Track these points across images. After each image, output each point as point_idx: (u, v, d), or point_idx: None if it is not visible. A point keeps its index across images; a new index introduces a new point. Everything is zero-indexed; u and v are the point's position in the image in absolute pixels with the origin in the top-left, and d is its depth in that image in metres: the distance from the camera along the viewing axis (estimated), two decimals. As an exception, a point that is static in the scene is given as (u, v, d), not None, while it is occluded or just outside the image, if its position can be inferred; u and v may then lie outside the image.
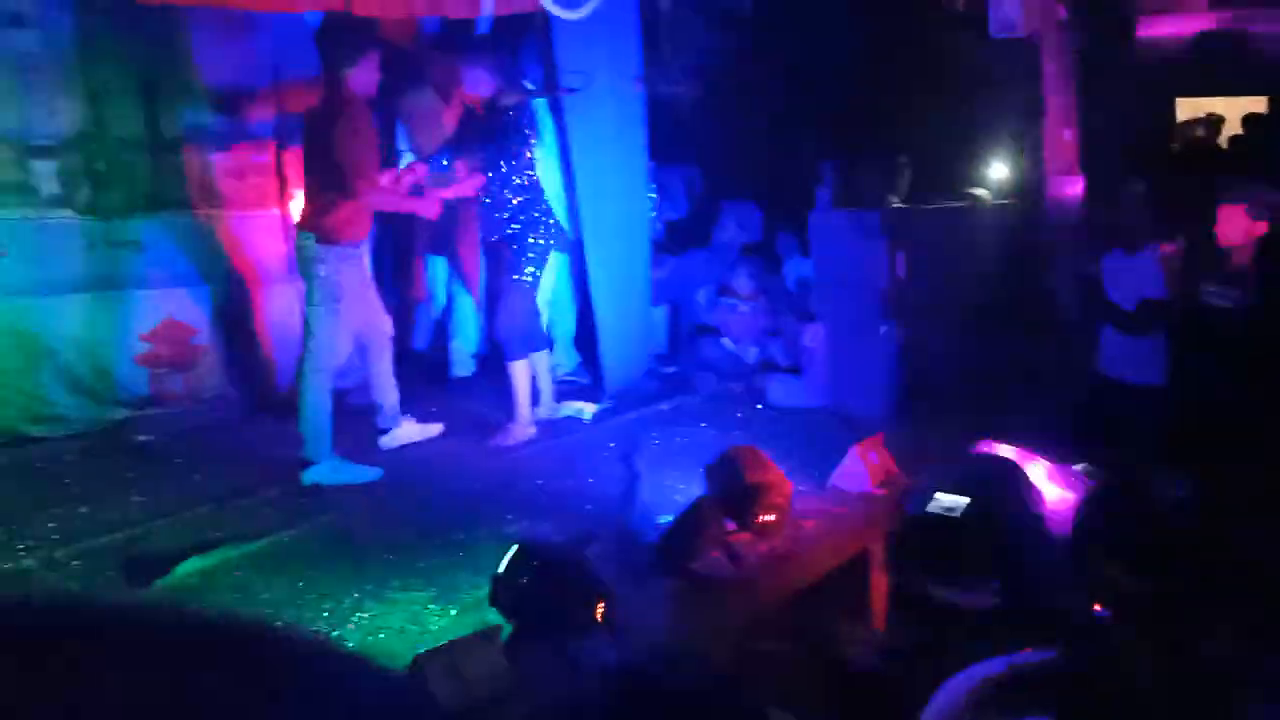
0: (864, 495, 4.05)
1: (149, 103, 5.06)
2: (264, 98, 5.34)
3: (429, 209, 4.73)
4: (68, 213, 4.90)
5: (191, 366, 5.26)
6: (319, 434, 4.30)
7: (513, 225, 4.67)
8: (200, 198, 5.25)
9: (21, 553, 3.68)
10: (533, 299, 4.81)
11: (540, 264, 4.77)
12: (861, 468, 4.12)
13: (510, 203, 4.65)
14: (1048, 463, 3.67)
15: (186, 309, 5.24)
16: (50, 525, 3.92)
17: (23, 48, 4.33)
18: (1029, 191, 5.41)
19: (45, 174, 4.83)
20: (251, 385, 5.42)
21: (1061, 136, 4.78)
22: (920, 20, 5.49)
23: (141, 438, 4.93)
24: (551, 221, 4.83)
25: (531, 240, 4.69)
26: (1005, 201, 5.77)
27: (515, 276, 4.68)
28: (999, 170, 6.21)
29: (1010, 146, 6.01)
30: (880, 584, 3.84)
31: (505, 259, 4.69)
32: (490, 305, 4.98)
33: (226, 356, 5.36)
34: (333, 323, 4.31)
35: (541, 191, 4.82)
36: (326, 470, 4.28)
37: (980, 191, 6.01)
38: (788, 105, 6.14)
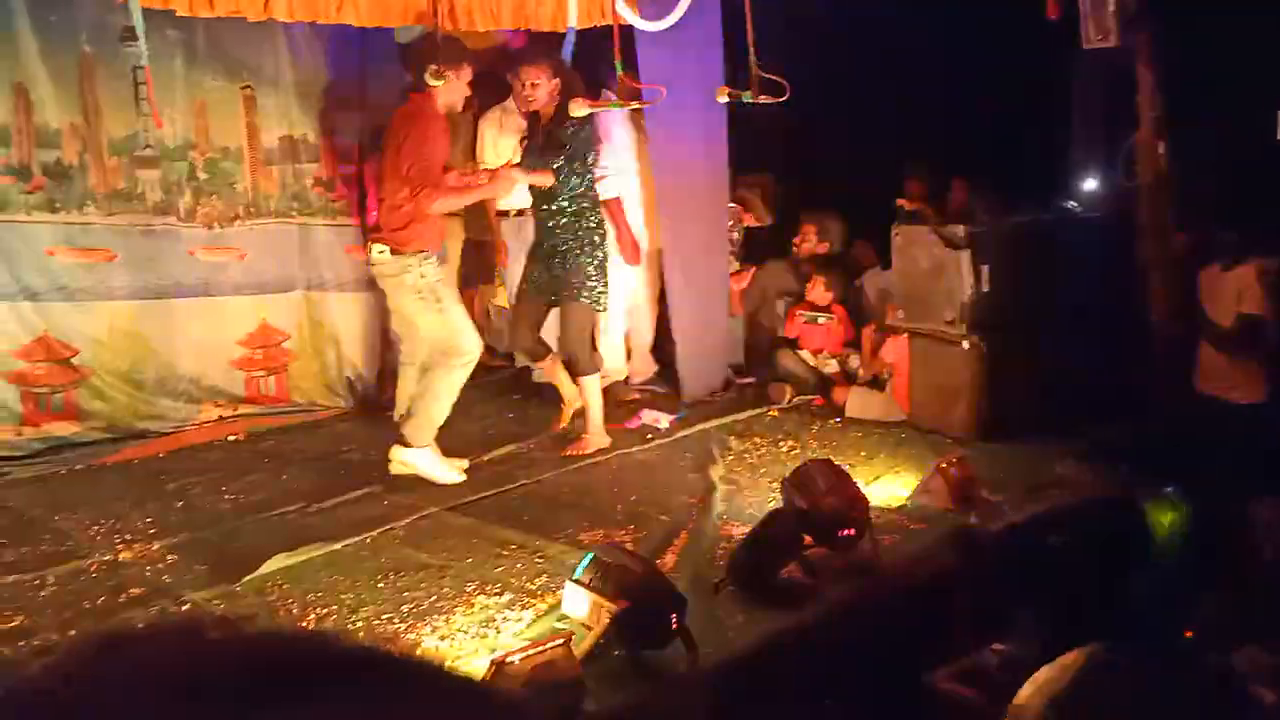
0: (945, 512, 3.97)
1: (247, 114, 5.25)
2: (352, 110, 5.50)
3: (500, 188, 4.67)
4: (172, 220, 5.11)
5: (283, 369, 5.44)
6: (431, 423, 4.33)
7: (569, 240, 4.68)
8: (291, 207, 5.43)
9: (120, 545, 3.84)
10: (592, 315, 4.79)
11: (599, 279, 4.73)
12: (943, 484, 4.04)
13: (566, 215, 4.67)
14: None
15: (278, 314, 5.42)
16: (147, 520, 4.08)
17: (134, 61, 4.52)
18: (1121, 204, 5.26)
19: (151, 182, 5.04)
20: (338, 389, 5.58)
21: (1155, 148, 4.62)
22: (1009, 28, 5.38)
23: (232, 438, 5.11)
24: (605, 236, 4.82)
25: (587, 257, 4.68)
26: (1096, 214, 5.62)
27: (576, 292, 4.66)
28: (1090, 182, 6.06)
29: (1101, 158, 5.85)
30: (961, 604, 3.77)
31: (562, 275, 4.68)
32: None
33: (315, 361, 5.53)
34: (449, 319, 4.32)
35: (599, 206, 4.82)
36: (418, 456, 4.33)
37: (1071, 203, 5.87)
38: (869, 113, 6.08)
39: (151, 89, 3.83)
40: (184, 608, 3.34)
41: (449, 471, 4.39)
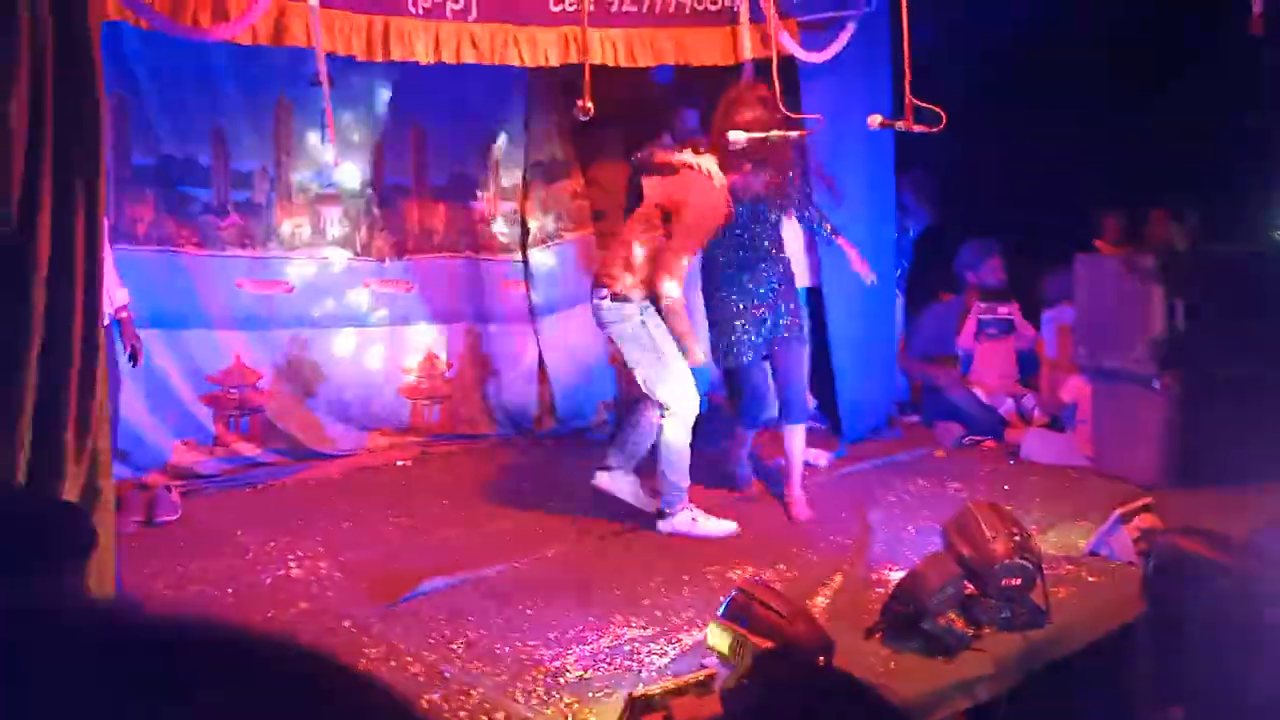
0: (1128, 565, 3.66)
1: (415, 153, 5.50)
2: (515, 148, 5.67)
3: None
4: (348, 254, 5.39)
5: (444, 398, 5.62)
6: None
7: None
8: (460, 241, 5.64)
9: (292, 563, 4.02)
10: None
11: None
12: (1126, 534, 3.73)
13: None
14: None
15: (439, 344, 5.62)
16: (317, 539, 4.26)
17: (319, 105, 4.81)
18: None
19: (331, 218, 5.34)
20: (497, 417, 5.71)
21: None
22: (1211, 45, 5.00)
23: (401, 463, 5.29)
24: None
25: None
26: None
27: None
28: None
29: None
30: (1141, 665, 3.44)
31: None
32: None
33: (477, 390, 5.69)
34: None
35: None
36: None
37: (1281, 233, 5.38)
38: (1058, 140, 5.74)
39: (333, 130, 4.03)
40: (344, 624, 3.45)
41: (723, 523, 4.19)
